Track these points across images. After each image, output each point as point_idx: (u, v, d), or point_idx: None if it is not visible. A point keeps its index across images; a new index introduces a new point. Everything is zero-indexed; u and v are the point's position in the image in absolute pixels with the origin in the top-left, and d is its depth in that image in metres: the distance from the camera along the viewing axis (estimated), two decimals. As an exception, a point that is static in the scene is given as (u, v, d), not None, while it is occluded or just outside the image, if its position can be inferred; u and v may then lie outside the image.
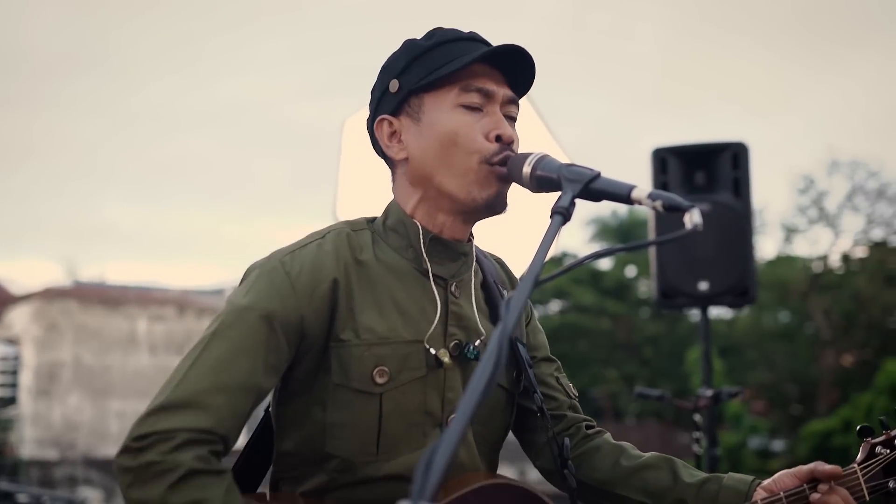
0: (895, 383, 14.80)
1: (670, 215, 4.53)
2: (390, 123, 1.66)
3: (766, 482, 1.63)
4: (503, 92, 1.63)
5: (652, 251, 4.72)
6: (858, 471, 1.61)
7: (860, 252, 20.88)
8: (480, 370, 1.07)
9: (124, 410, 17.40)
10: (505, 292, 1.77)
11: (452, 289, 1.66)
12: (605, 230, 27.41)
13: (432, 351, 1.60)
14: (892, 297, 19.62)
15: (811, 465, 1.61)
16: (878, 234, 20.81)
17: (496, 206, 1.62)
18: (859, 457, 1.63)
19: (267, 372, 1.52)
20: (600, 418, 25.52)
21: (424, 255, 1.63)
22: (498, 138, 1.59)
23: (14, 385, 18.40)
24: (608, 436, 1.82)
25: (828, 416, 17.43)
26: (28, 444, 17.32)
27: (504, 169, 1.58)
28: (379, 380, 1.56)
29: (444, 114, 1.61)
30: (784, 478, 1.62)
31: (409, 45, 1.67)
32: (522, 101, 1.67)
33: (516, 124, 1.67)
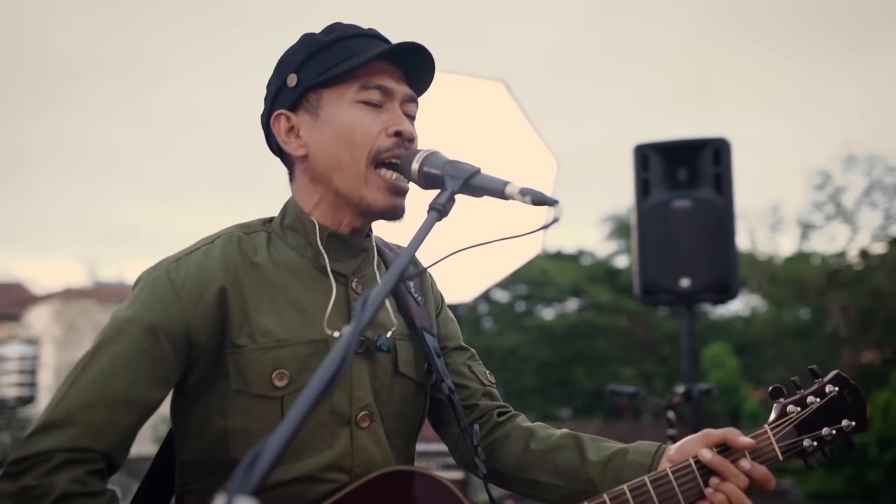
0: (912, 380, 14.61)
1: (652, 214, 4.50)
2: (287, 118, 1.65)
3: (671, 450, 1.59)
4: (403, 90, 1.64)
5: (634, 248, 4.69)
6: (769, 430, 1.56)
7: (878, 248, 20.62)
8: (324, 368, 1.04)
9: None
10: (411, 284, 1.77)
11: (353, 285, 1.65)
12: (622, 227, 27.27)
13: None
14: (910, 293, 19.39)
15: (722, 431, 1.55)
16: (896, 229, 20.58)
17: (389, 216, 1.63)
18: (771, 417, 1.58)
19: (152, 384, 1.51)
20: (618, 417, 25.44)
21: (323, 251, 1.62)
22: (397, 134, 1.60)
23: (33, 384, 18.58)
24: (521, 418, 1.80)
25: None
26: (46, 442, 17.50)
27: (400, 184, 1.59)
28: (279, 383, 1.54)
29: (343, 109, 1.60)
30: (691, 444, 1.57)
31: (308, 39, 1.65)
32: (502, 93, 1.66)
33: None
